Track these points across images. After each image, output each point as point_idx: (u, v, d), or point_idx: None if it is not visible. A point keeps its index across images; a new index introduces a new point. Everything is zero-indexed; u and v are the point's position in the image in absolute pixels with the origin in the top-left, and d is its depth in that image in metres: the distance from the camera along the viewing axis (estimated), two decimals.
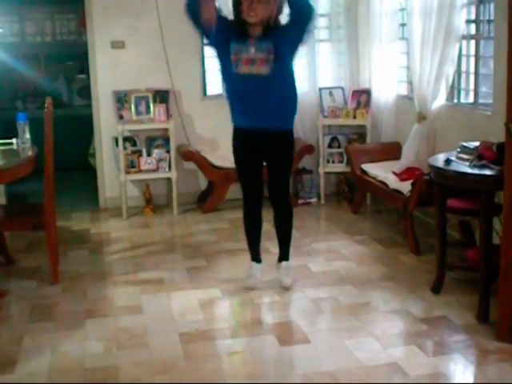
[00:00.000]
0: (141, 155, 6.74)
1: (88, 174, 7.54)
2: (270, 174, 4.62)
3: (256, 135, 4.44)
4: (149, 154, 6.77)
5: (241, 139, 4.55)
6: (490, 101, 5.07)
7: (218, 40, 4.32)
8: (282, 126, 4.47)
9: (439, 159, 4.36)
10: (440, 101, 5.66)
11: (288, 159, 4.60)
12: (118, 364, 3.68)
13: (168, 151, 6.74)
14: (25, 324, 4.22)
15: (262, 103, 4.33)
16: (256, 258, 4.79)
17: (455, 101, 5.73)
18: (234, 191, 6.71)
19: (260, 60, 4.24)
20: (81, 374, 3.60)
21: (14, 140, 5.15)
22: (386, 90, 6.73)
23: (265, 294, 4.62)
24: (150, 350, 3.82)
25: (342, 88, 7.10)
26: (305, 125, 7.03)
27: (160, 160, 6.74)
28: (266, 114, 4.37)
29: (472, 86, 5.51)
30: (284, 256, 4.77)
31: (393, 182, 5.72)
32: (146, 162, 6.72)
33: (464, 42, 5.58)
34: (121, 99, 6.75)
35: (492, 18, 5.08)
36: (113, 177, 6.92)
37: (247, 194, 4.68)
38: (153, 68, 6.85)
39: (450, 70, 5.51)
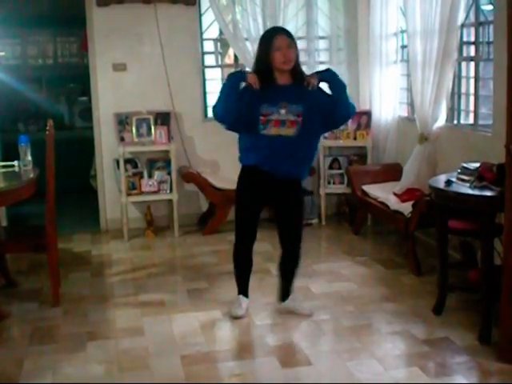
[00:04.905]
0: (142, 177, 6.76)
1: (89, 195, 7.53)
2: (283, 222, 4.53)
3: (267, 178, 4.32)
4: (150, 176, 6.78)
5: (250, 179, 4.41)
6: (490, 122, 5.08)
7: (248, 103, 4.24)
8: (294, 177, 4.41)
9: (440, 180, 4.37)
10: (440, 122, 5.69)
11: (300, 203, 4.53)
12: None
13: (169, 173, 6.75)
14: (26, 346, 4.20)
15: (281, 159, 4.27)
16: (245, 292, 4.69)
17: (455, 122, 5.75)
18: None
19: (290, 122, 4.21)
20: None
21: (15, 162, 5.17)
22: (386, 112, 6.77)
23: (266, 315, 4.62)
24: (151, 373, 3.81)
25: None
26: None
27: (161, 182, 6.76)
28: (284, 167, 4.30)
29: (472, 108, 5.53)
30: (287, 293, 4.68)
31: (394, 203, 5.73)
32: (147, 184, 6.73)
33: (464, 64, 5.62)
34: (122, 121, 6.77)
35: (491, 39, 5.12)
36: (114, 199, 6.93)
37: (241, 235, 4.54)
38: (154, 90, 6.88)
39: (449, 90, 5.55)
